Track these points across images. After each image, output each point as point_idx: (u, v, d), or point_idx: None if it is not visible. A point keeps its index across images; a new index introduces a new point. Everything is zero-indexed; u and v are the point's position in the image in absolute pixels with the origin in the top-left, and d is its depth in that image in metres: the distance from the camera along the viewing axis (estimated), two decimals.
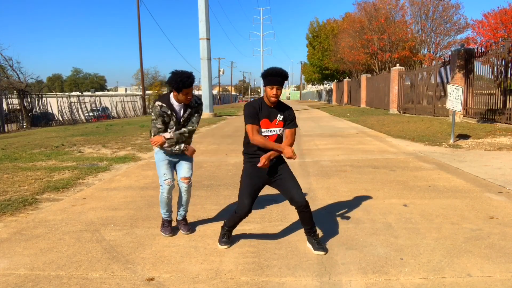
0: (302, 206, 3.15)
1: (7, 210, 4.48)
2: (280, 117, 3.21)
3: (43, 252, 3.32)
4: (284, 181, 3.23)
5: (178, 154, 3.66)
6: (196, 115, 3.68)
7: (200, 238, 3.58)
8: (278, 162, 3.27)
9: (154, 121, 3.57)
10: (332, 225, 3.82)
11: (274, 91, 3.09)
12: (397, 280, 2.70)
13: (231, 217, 3.37)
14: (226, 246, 3.36)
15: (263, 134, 3.19)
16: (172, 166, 3.71)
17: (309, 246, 3.28)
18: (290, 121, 3.26)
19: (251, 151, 3.23)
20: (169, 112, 3.53)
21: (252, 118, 3.15)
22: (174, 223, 3.87)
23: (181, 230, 3.79)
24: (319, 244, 3.25)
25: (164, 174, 3.63)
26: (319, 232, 3.62)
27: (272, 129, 3.20)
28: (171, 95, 3.55)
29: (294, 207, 3.24)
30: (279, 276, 2.81)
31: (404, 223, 3.83)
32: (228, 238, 3.42)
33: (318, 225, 3.82)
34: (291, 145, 3.22)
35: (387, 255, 3.10)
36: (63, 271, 2.96)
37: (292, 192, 3.16)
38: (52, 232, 3.81)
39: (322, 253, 3.20)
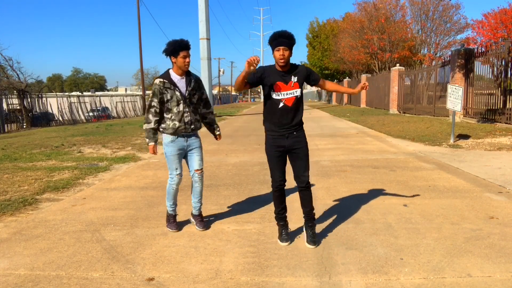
0: (303, 185, 3.28)
1: (7, 210, 4.48)
2: (294, 79, 3.18)
3: (43, 252, 3.32)
4: (297, 158, 3.28)
5: (190, 135, 3.71)
6: (203, 93, 3.76)
7: (200, 238, 3.58)
8: (300, 137, 3.29)
9: (151, 100, 3.59)
10: (332, 225, 3.82)
11: (280, 51, 3.05)
12: (397, 280, 2.70)
13: (274, 201, 3.41)
14: (286, 243, 3.33)
15: (279, 97, 3.16)
16: (182, 158, 3.76)
17: (305, 235, 3.40)
18: (313, 75, 3.29)
19: (268, 125, 3.29)
20: (171, 88, 3.55)
21: (249, 75, 3.09)
22: (179, 219, 3.89)
23: (196, 227, 3.82)
24: (312, 237, 3.33)
25: (176, 168, 3.69)
26: (319, 232, 3.62)
27: (289, 92, 3.18)
28: (170, 70, 3.59)
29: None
30: (279, 276, 2.81)
31: (404, 223, 3.83)
32: (286, 234, 3.39)
33: (318, 225, 3.82)
34: (332, 88, 3.51)
35: (387, 255, 3.10)
36: (63, 271, 2.96)
37: (299, 171, 3.28)
38: (52, 232, 3.81)
39: (312, 246, 3.28)
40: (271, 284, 2.70)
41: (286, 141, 3.24)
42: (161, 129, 3.67)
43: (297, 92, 3.20)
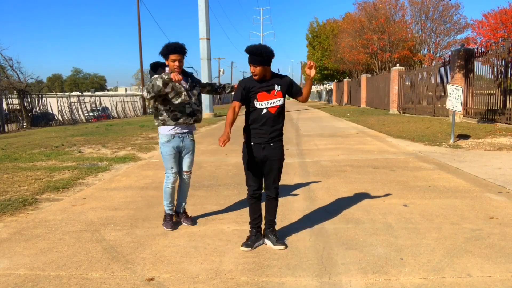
0: (271, 197, 3.34)
1: (7, 210, 4.48)
2: (278, 88, 3.20)
3: (43, 252, 3.32)
4: (270, 169, 3.28)
5: (187, 129, 3.78)
6: (200, 82, 3.90)
7: (200, 238, 3.58)
8: (276, 148, 3.26)
9: (153, 81, 3.53)
10: (332, 225, 3.82)
11: (251, 69, 3.12)
12: (397, 280, 2.70)
13: (250, 209, 3.37)
14: (247, 249, 3.25)
15: (262, 106, 3.17)
16: (178, 157, 3.83)
17: (267, 242, 3.34)
18: (295, 87, 3.31)
19: (247, 133, 3.29)
20: (176, 83, 3.59)
21: (236, 95, 3.22)
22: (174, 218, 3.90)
23: (185, 223, 3.92)
24: (278, 239, 3.32)
25: (172, 167, 3.78)
26: (319, 232, 3.62)
27: (272, 101, 3.18)
28: (167, 69, 3.66)
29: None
30: (279, 276, 2.81)
31: (404, 223, 3.83)
32: (252, 242, 3.30)
33: (318, 225, 3.82)
34: (307, 94, 3.33)
35: (387, 255, 3.10)
36: (63, 271, 2.96)
37: (269, 182, 3.31)
38: (52, 232, 3.81)
39: (282, 247, 3.25)
40: (271, 284, 2.70)
41: (261, 152, 3.22)
42: (161, 122, 3.70)
43: (280, 101, 3.20)
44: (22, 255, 3.27)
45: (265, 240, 3.36)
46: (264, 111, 3.18)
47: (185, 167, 3.89)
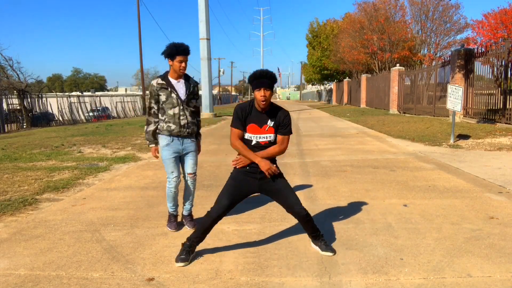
0: (302, 216, 3.11)
1: (7, 210, 4.48)
2: (271, 123, 3.03)
3: (43, 252, 3.32)
4: (281, 192, 3.10)
5: (185, 137, 3.68)
6: (197, 100, 3.78)
7: None
8: (274, 177, 3.09)
9: (149, 102, 3.65)
10: (332, 225, 3.82)
11: (261, 92, 2.91)
12: (397, 280, 2.70)
13: (200, 223, 3.13)
14: (183, 264, 3.00)
15: (251, 140, 3.03)
16: (178, 161, 3.76)
17: (315, 247, 3.23)
18: (283, 127, 3.06)
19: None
20: (168, 89, 3.57)
21: (235, 122, 3.04)
22: (179, 219, 3.90)
23: (186, 226, 3.87)
24: (326, 245, 3.20)
25: (172, 172, 3.70)
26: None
27: (262, 136, 3.02)
28: (168, 74, 3.63)
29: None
30: (279, 276, 2.81)
31: (404, 223, 3.83)
32: (188, 254, 3.05)
33: (318, 225, 3.82)
34: (277, 153, 3.05)
35: (387, 255, 3.10)
36: (63, 271, 2.96)
37: (291, 203, 3.08)
38: (52, 232, 3.81)
39: (330, 254, 3.13)
40: (271, 284, 2.70)
41: (256, 182, 3.07)
42: (157, 131, 3.70)
43: (271, 137, 3.03)
44: (22, 255, 3.27)
45: (312, 245, 3.26)
46: (254, 142, 3.04)
47: (188, 169, 3.74)
